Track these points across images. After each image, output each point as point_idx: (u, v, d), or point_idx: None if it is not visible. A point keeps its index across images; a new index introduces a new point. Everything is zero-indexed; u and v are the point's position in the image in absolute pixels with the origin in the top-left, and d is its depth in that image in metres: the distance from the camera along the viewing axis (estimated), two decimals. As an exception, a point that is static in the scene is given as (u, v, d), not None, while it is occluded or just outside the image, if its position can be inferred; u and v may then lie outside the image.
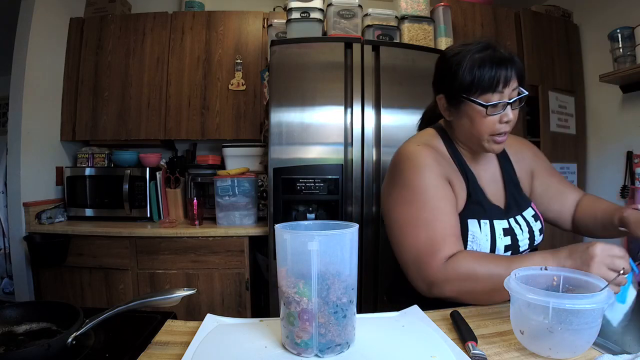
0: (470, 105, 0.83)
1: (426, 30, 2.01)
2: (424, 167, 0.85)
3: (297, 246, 0.58)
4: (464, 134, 0.90)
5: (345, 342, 0.60)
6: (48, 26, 2.28)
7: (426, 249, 0.80)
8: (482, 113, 0.82)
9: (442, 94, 0.89)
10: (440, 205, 0.83)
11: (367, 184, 1.77)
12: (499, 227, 0.87)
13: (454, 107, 0.88)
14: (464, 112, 0.85)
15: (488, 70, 0.80)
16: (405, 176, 0.87)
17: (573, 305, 0.56)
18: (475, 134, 0.86)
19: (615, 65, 2.10)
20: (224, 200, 2.14)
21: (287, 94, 1.75)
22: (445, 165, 0.89)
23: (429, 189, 0.84)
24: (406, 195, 0.85)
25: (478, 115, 0.83)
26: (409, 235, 0.83)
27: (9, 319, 0.68)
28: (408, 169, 0.87)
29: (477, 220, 0.86)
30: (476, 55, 0.81)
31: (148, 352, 0.63)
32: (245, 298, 2.07)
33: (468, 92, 0.82)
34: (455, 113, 0.88)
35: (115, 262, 2.06)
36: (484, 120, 0.83)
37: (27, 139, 2.17)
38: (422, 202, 0.83)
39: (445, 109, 0.91)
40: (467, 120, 0.86)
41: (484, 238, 0.86)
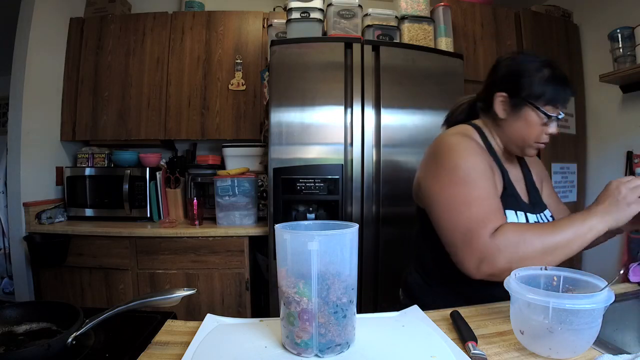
0: (532, 111, 0.89)
1: (426, 30, 2.01)
2: (469, 152, 0.89)
3: (297, 246, 0.58)
4: (513, 135, 0.94)
5: (345, 342, 0.60)
6: (48, 26, 2.28)
7: (477, 223, 0.81)
8: (540, 121, 0.89)
9: (505, 92, 0.92)
10: (488, 186, 0.87)
11: (367, 184, 1.77)
12: (532, 219, 0.93)
13: (513, 108, 0.92)
14: (523, 116, 0.91)
15: (560, 88, 0.88)
16: (452, 160, 0.89)
17: (573, 305, 0.56)
18: (525, 138, 0.92)
19: (615, 65, 2.10)
20: (224, 200, 2.14)
21: (287, 94, 1.75)
22: (487, 156, 0.94)
23: (477, 170, 0.87)
24: (454, 178, 0.87)
25: (535, 123, 0.90)
26: (460, 212, 0.84)
27: (9, 319, 0.68)
28: (454, 154, 0.89)
29: (514, 211, 0.91)
30: (551, 71, 0.89)
31: (148, 352, 0.63)
32: (245, 298, 2.07)
33: (536, 99, 0.88)
34: (512, 114, 0.92)
35: (115, 262, 2.06)
36: (538, 128, 0.90)
37: (27, 139, 2.17)
38: (471, 182, 0.86)
39: (502, 107, 0.94)
40: (523, 124, 0.91)
41: None
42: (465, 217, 0.83)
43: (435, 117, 1.86)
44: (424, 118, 1.84)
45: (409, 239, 1.81)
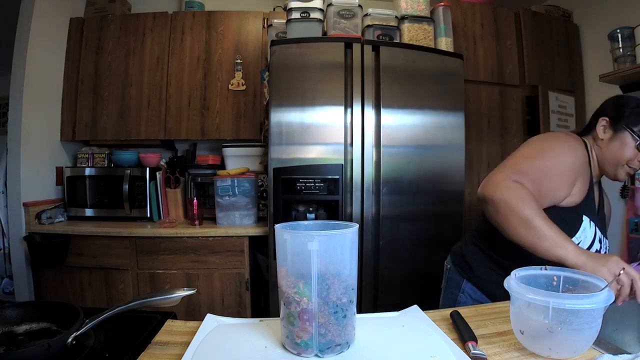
0: (628, 135, 1.00)
1: (426, 30, 2.01)
2: (570, 150, 0.99)
3: (297, 246, 0.58)
4: (608, 153, 1.04)
5: (345, 342, 0.60)
6: (48, 26, 2.28)
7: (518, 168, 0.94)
8: (633, 144, 1.00)
9: (608, 117, 1.05)
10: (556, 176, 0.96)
11: (367, 184, 1.77)
12: (599, 234, 1.02)
13: (613, 130, 1.03)
14: (620, 137, 1.02)
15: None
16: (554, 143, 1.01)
17: (573, 305, 0.56)
18: (618, 158, 1.02)
19: (615, 65, 2.10)
20: (224, 200, 2.14)
21: (287, 94, 1.75)
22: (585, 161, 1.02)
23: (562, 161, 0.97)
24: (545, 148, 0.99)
25: (630, 145, 1.00)
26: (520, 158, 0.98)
27: (9, 319, 0.68)
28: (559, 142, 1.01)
29: (589, 218, 1.00)
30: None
31: (148, 352, 0.63)
32: (245, 298, 2.07)
33: (633, 125, 1.00)
34: (612, 135, 1.03)
35: (115, 262, 2.06)
36: (630, 150, 1.00)
37: (27, 139, 2.17)
38: (549, 158, 0.96)
39: (603, 129, 1.05)
40: (619, 144, 1.02)
41: (590, 235, 0.99)
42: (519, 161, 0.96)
43: (435, 117, 1.86)
44: (423, 118, 1.84)
45: (409, 238, 1.82)
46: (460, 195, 1.89)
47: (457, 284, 1.13)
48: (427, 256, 1.82)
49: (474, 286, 1.10)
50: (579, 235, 0.98)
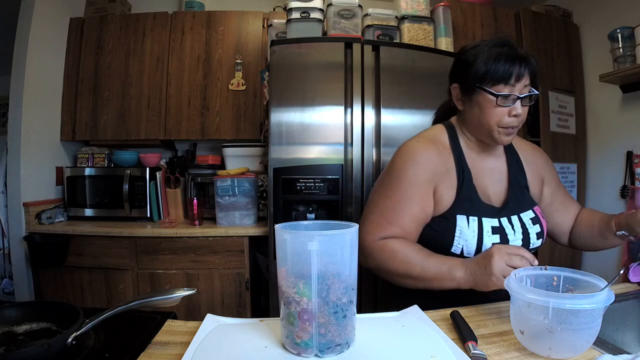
0: (482, 94, 0.87)
1: (426, 30, 2.01)
2: (413, 164, 0.92)
3: (297, 246, 0.58)
4: (474, 124, 0.93)
5: (345, 342, 0.60)
6: (48, 26, 2.28)
7: (372, 224, 0.92)
8: (492, 103, 0.86)
9: (456, 83, 0.94)
10: (406, 201, 0.90)
11: (367, 184, 1.77)
12: (488, 224, 0.89)
13: (467, 97, 0.92)
14: (476, 101, 0.89)
15: (503, 64, 0.84)
16: (394, 166, 0.95)
17: (573, 305, 0.56)
18: (485, 124, 0.89)
19: (615, 65, 2.10)
20: (224, 200, 2.14)
21: (287, 94, 1.75)
22: (439, 162, 0.93)
23: (407, 184, 0.91)
24: (386, 180, 0.95)
25: (489, 105, 0.87)
26: (372, 209, 0.95)
27: (9, 319, 0.68)
28: (400, 160, 0.95)
29: (465, 216, 0.89)
30: (493, 49, 0.86)
31: (148, 352, 0.63)
32: (245, 298, 2.07)
33: (481, 82, 0.86)
34: (468, 102, 0.93)
35: (115, 262, 2.06)
36: (494, 110, 0.87)
37: (27, 139, 2.17)
38: (395, 189, 0.92)
39: (458, 99, 0.95)
40: (478, 109, 0.89)
41: (471, 234, 0.88)
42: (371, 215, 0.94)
43: (435, 117, 1.86)
44: (423, 118, 1.84)
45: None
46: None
47: None
48: (427, 256, 1.82)
49: None
50: (456, 243, 0.88)
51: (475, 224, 0.88)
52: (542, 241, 0.96)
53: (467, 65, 0.89)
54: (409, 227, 0.91)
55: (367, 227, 0.92)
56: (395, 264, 0.87)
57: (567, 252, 2.37)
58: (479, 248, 0.88)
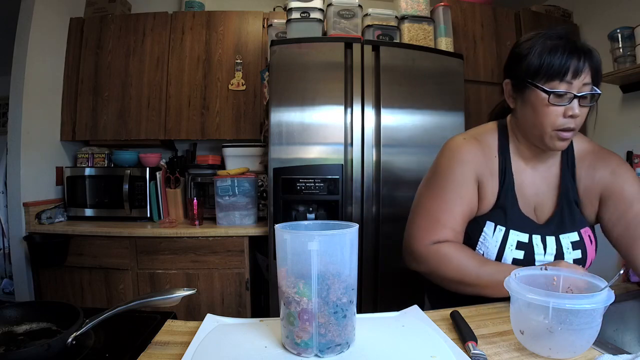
0: (534, 91, 0.78)
1: (426, 30, 2.01)
2: (458, 161, 0.88)
3: (297, 246, 0.58)
4: (526, 125, 0.84)
5: (345, 342, 0.60)
6: (48, 26, 2.28)
7: (423, 228, 0.89)
8: (545, 101, 0.77)
9: (509, 79, 0.86)
10: (454, 200, 0.87)
11: (367, 184, 1.77)
12: (514, 238, 0.84)
13: (519, 94, 0.83)
14: (528, 99, 0.80)
15: (559, 57, 0.75)
16: (440, 163, 0.92)
17: (573, 305, 0.56)
18: (537, 125, 0.80)
19: (615, 65, 2.10)
20: (224, 200, 2.14)
21: (287, 94, 1.75)
22: (484, 167, 0.88)
23: (452, 183, 0.88)
24: (432, 182, 0.92)
25: (541, 104, 0.78)
26: (417, 212, 0.92)
27: (9, 319, 0.68)
28: (445, 158, 0.91)
29: (494, 224, 0.86)
30: (549, 41, 0.78)
31: (148, 352, 0.63)
32: (245, 298, 2.07)
33: (534, 77, 0.78)
34: (520, 101, 0.84)
35: (115, 262, 2.06)
36: (546, 109, 0.77)
37: (27, 139, 2.17)
38: (441, 191, 0.89)
39: (510, 96, 0.87)
40: (530, 109, 0.80)
41: (493, 243, 0.86)
42: (419, 219, 0.90)
43: (435, 117, 1.86)
44: (424, 118, 1.84)
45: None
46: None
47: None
48: (427, 256, 1.82)
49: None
50: (478, 248, 0.87)
51: (500, 235, 0.84)
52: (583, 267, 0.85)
53: (520, 58, 0.80)
54: (460, 227, 0.88)
55: (417, 232, 0.89)
56: (449, 270, 0.83)
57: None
58: (498, 259, 0.85)
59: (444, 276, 0.85)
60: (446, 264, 0.84)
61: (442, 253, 0.85)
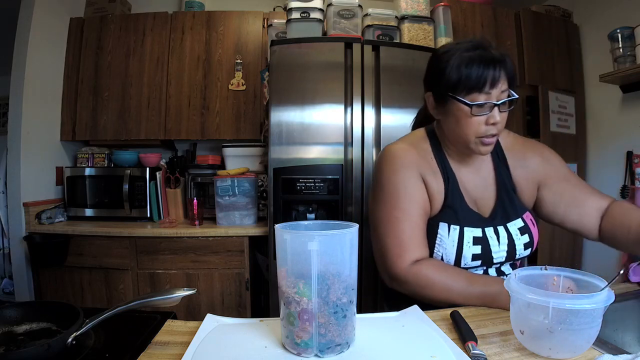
0: (456, 104, 0.82)
1: (426, 30, 2.01)
2: (400, 168, 0.88)
3: (297, 246, 0.58)
4: (451, 134, 0.88)
5: (345, 342, 0.60)
6: (48, 26, 2.28)
7: (394, 249, 0.85)
8: (467, 113, 0.81)
9: (430, 91, 0.89)
10: (410, 208, 0.86)
11: (367, 184, 1.77)
12: (469, 234, 0.86)
13: (441, 106, 0.86)
14: (450, 111, 0.84)
15: (475, 69, 0.78)
16: (383, 176, 0.90)
17: (573, 305, 0.56)
18: (461, 135, 0.84)
19: (615, 65, 2.10)
20: (224, 200, 2.14)
21: (287, 93, 1.75)
22: (425, 168, 0.90)
23: (401, 189, 0.87)
24: (381, 195, 0.89)
25: (463, 115, 0.81)
26: (381, 233, 0.88)
27: (9, 319, 0.68)
28: (386, 168, 0.90)
29: (447, 224, 0.87)
30: (465, 54, 0.80)
31: (148, 352, 0.63)
32: (245, 298, 2.07)
33: (454, 90, 0.81)
34: (443, 112, 0.87)
35: (115, 262, 2.06)
36: (469, 120, 0.81)
37: (27, 139, 2.17)
38: (394, 202, 0.87)
39: (433, 108, 0.89)
40: (453, 120, 0.84)
41: (450, 243, 0.86)
42: (384, 240, 0.87)
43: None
44: (424, 118, 1.84)
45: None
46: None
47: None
48: (427, 256, 1.82)
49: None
50: (436, 251, 0.87)
51: (456, 234, 0.86)
52: (532, 250, 0.92)
53: (439, 72, 0.83)
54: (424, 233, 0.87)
55: (390, 254, 0.85)
56: (434, 293, 0.81)
57: (567, 252, 2.37)
58: (458, 257, 0.86)
59: (430, 298, 0.83)
60: (431, 287, 0.82)
61: (423, 275, 0.82)
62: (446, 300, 0.81)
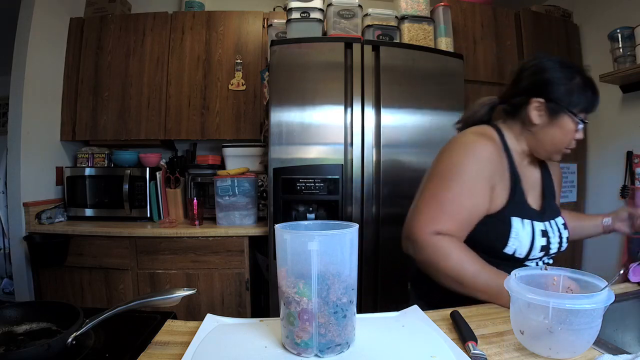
0: (569, 118, 0.91)
1: (426, 30, 2.01)
2: (475, 159, 0.90)
3: (297, 246, 0.58)
4: (545, 140, 0.94)
5: (345, 342, 0.60)
6: (48, 26, 2.28)
7: (430, 213, 0.89)
8: (574, 128, 0.92)
9: (542, 98, 0.92)
10: (466, 194, 0.88)
11: (367, 184, 1.77)
12: (538, 228, 0.92)
13: (550, 115, 0.92)
14: (559, 123, 0.92)
15: (593, 95, 0.92)
16: (452, 158, 0.92)
17: (573, 305, 0.56)
18: (558, 144, 0.94)
19: (615, 65, 2.10)
20: (224, 200, 2.14)
21: (287, 94, 1.75)
22: (498, 161, 0.93)
23: (469, 178, 0.89)
24: (446, 172, 0.91)
25: (571, 129, 0.92)
26: (427, 196, 0.92)
27: (9, 319, 0.68)
28: (459, 154, 0.92)
29: (520, 218, 0.91)
30: (584, 78, 0.92)
31: (148, 352, 0.63)
32: (245, 298, 2.07)
33: (574, 107, 0.90)
34: (548, 120, 0.93)
35: (115, 262, 2.06)
36: (572, 133, 0.92)
37: (27, 139, 2.17)
38: (456, 182, 0.89)
39: (537, 114, 0.93)
40: (559, 130, 0.92)
41: (525, 236, 0.90)
42: (426, 205, 0.90)
43: (435, 117, 1.86)
44: (424, 118, 1.84)
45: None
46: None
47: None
48: (427, 256, 1.82)
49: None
50: (511, 244, 0.89)
51: (529, 227, 0.91)
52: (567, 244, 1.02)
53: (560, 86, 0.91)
54: (465, 222, 0.89)
55: (420, 218, 0.89)
56: (447, 265, 0.84)
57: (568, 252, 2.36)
58: (530, 249, 0.90)
59: (440, 270, 0.86)
60: (445, 259, 0.85)
61: (442, 246, 0.85)
62: (456, 277, 0.84)
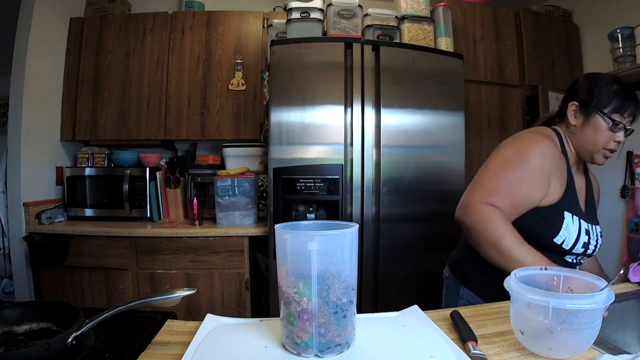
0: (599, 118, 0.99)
1: (426, 30, 2.01)
2: (541, 154, 0.98)
3: (297, 246, 0.58)
4: (583, 139, 1.03)
5: (345, 342, 0.60)
6: (48, 26, 2.28)
7: (489, 186, 0.97)
8: (606, 127, 0.99)
9: (577, 102, 1.03)
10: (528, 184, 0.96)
11: (367, 184, 1.77)
12: (583, 226, 1.00)
13: (584, 115, 1.02)
14: (592, 122, 1.00)
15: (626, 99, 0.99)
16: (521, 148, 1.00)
17: (573, 305, 0.56)
18: (594, 143, 1.01)
19: (615, 65, 2.10)
20: (224, 200, 2.14)
21: (287, 94, 1.75)
22: (559, 161, 1.01)
23: (533, 167, 0.96)
24: (513, 157, 0.99)
25: (603, 128, 0.99)
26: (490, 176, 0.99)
27: (9, 319, 0.68)
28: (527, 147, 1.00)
29: (571, 214, 0.99)
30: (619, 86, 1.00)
31: (148, 352, 0.63)
32: (245, 298, 2.07)
33: (603, 107, 0.98)
34: (583, 120, 1.02)
35: (115, 262, 2.06)
36: (605, 133, 0.99)
37: (27, 139, 2.17)
38: (520, 167, 0.96)
39: (574, 115, 1.04)
40: (592, 129, 1.01)
41: (574, 230, 0.98)
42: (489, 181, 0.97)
43: (435, 117, 1.86)
44: (424, 118, 1.84)
45: (409, 238, 1.82)
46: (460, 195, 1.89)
47: (455, 291, 1.13)
48: (427, 256, 1.82)
49: (470, 291, 1.09)
50: (562, 234, 0.98)
51: (577, 223, 0.99)
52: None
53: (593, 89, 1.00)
54: (517, 206, 0.96)
55: (480, 189, 0.97)
56: (490, 231, 0.92)
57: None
58: (575, 243, 0.98)
59: (483, 235, 0.93)
60: (490, 225, 0.92)
61: (491, 215, 0.93)
62: (496, 243, 0.91)
